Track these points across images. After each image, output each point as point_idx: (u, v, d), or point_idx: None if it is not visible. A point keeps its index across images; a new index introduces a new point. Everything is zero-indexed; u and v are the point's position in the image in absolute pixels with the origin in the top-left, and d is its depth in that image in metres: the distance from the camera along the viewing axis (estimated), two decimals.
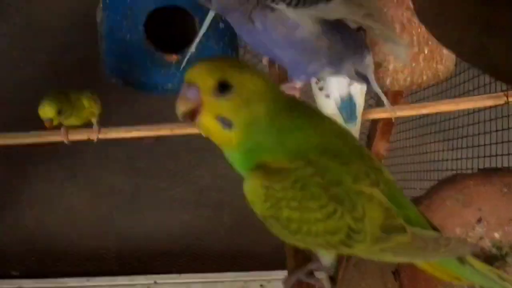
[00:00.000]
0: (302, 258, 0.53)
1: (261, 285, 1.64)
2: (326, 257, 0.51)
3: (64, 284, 1.58)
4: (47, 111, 0.80)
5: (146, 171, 1.73)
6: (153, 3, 0.93)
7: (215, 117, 0.44)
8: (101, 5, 0.98)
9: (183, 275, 1.64)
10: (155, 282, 1.61)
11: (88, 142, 1.56)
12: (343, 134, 0.49)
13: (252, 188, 0.46)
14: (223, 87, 0.43)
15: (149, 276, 1.62)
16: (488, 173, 0.73)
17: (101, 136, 0.92)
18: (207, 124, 0.45)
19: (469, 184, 0.71)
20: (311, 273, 0.53)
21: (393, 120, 1.04)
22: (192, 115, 0.45)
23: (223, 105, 0.44)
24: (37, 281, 1.57)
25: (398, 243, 0.48)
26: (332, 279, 1.04)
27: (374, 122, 1.24)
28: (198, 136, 1.69)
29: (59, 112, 0.81)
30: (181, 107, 0.44)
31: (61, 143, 0.90)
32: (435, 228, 0.51)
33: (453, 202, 0.70)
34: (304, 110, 0.48)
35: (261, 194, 0.46)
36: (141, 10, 0.93)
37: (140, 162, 1.73)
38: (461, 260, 0.51)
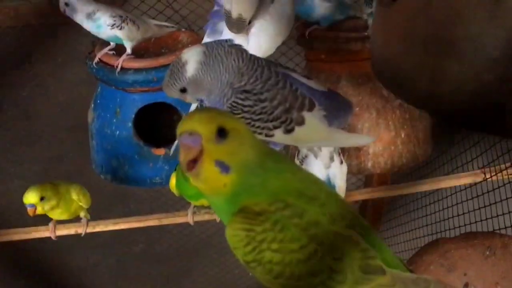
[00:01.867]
0: None
1: None
2: None
3: None
4: (29, 196, 0.82)
5: (136, 277, 1.69)
6: (141, 100, 0.98)
7: (214, 163, 0.46)
8: (92, 106, 1.03)
9: None
10: None
11: (76, 253, 1.55)
12: (319, 181, 0.51)
13: (234, 232, 0.47)
14: (221, 133, 0.46)
15: None
16: (468, 237, 0.73)
17: (89, 229, 0.93)
18: (207, 170, 0.46)
19: (451, 248, 0.71)
20: None
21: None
22: (190, 164, 0.46)
23: (222, 150, 0.46)
24: None
25: (377, 284, 0.47)
26: None
27: (364, 203, 1.26)
28: (188, 234, 1.67)
29: (42, 199, 0.82)
30: (187, 156, 0.46)
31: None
32: (412, 272, 0.51)
33: (437, 266, 0.70)
34: (282, 157, 0.50)
35: (243, 237, 0.47)
36: (130, 107, 0.98)
37: (129, 267, 1.69)
38: None
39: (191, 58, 0.68)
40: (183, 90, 0.69)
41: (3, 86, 1.47)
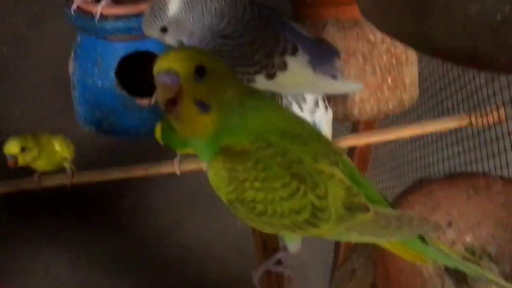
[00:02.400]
0: (271, 250, 0.52)
1: None
2: (293, 243, 0.51)
3: None
4: (10, 146, 0.81)
5: (125, 231, 1.71)
6: (123, 49, 0.95)
7: (194, 102, 0.46)
8: (72, 55, 1.01)
9: None
10: None
11: (66, 205, 1.55)
12: (301, 120, 0.51)
13: (216, 172, 0.47)
14: (200, 72, 0.45)
15: None
16: (452, 177, 0.74)
17: (75, 180, 0.92)
18: (187, 110, 0.46)
19: (435, 188, 0.72)
20: (279, 262, 0.52)
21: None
22: (170, 105, 0.46)
23: (201, 88, 0.46)
24: None
25: (362, 221, 0.48)
26: None
27: (351, 150, 1.26)
28: (178, 185, 1.68)
29: (23, 149, 0.81)
30: (165, 95, 0.45)
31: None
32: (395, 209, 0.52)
33: (422, 207, 0.71)
34: (263, 96, 0.50)
35: (225, 177, 0.47)
36: (112, 56, 0.96)
37: (120, 222, 1.70)
38: (424, 239, 0.52)
39: None
40: (164, 30, 0.67)
41: None
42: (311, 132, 0.50)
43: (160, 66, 0.45)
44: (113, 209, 1.68)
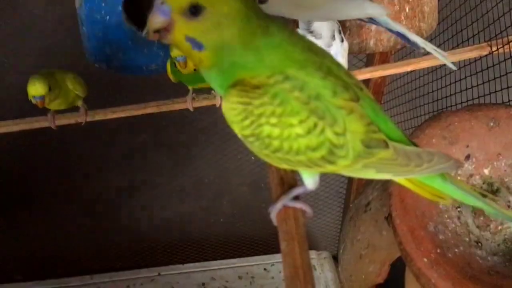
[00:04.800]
0: (287, 186, 0.52)
1: (264, 269, 1.63)
2: (310, 179, 0.51)
3: (68, 284, 1.57)
4: (38, 87, 0.77)
5: (143, 167, 1.73)
6: None
7: (184, 38, 0.44)
8: None
9: (186, 265, 1.63)
10: (159, 274, 1.60)
11: (83, 145, 1.56)
12: (322, 52, 0.49)
13: (231, 106, 0.46)
14: (194, 9, 0.43)
15: (152, 269, 1.62)
16: (473, 109, 0.72)
17: (89, 118, 0.92)
18: (178, 44, 0.45)
19: (454, 120, 0.70)
20: (296, 198, 0.52)
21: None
22: (163, 33, 0.44)
23: (193, 27, 0.44)
24: (40, 283, 1.57)
25: (380, 158, 0.47)
26: None
27: (365, 83, 1.24)
28: (194, 123, 1.68)
29: (50, 89, 0.79)
30: (153, 24, 0.44)
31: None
32: (415, 145, 0.50)
33: (440, 140, 0.69)
34: (281, 27, 0.47)
35: (240, 111, 0.45)
36: None
37: (136, 159, 1.72)
38: (444, 177, 0.51)
39: None
40: None
41: None
42: (331, 65, 0.48)
43: None
44: (128, 144, 1.70)
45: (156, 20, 0.44)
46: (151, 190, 1.72)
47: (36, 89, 0.78)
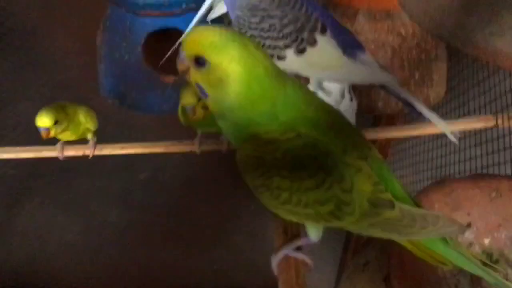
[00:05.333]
0: (291, 236, 0.52)
1: None
2: (315, 231, 0.51)
3: None
4: (44, 119, 0.81)
5: (140, 205, 1.73)
6: (151, 25, 0.96)
7: (195, 83, 0.47)
8: (101, 28, 1.01)
9: None
10: None
11: (82, 173, 1.57)
12: (333, 111, 0.50)
13: (244, 157, 0.47)
14: (199, 60, 0.45)
15: None
16: (476, 178, 0.73)
17: (97, 152, 0.93)
18: (193, 85, 0.48)
19: (457, 188, 0.71)
20: (298, 249, 0.52)
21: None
22: (185, 74, 0.48)
23: (200, 75, 0.46)
24: None
25: (386, 218, 0.48)
26: None
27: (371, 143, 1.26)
28: (195, 166, 1.69)
29: (56, 122, 0.82)
30: (178, 66, 0.48)
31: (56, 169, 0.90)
32: (420, 208, 0.51)
33: (442, 205, 0.70)
34: (297, 87, 0.49)
35: (253, 163, 0.47)
36: (140, 31, 0.96)
37: (134, 196, 1.72)
38: (447, 241, 0.51)
39: None
40: None
41: (12, 5, 1.44)
42: (343, 123, 0.50)
43: (182, 41, 0.47)
44: (129, 181, 1.70)
45: (178, 63, 0.47)
46: (142, 230, 1.71)
47: (42, 120, 0.82)
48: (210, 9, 0.94)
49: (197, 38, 0.45)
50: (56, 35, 1.48)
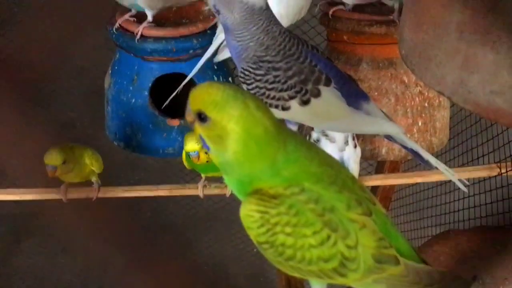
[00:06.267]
0: None
1: None
2: (318, 287, 0.51)
3: None
4: (53, 158, 0.82)
5: (141, 245, 1.71)
6: (159, 69, 0.97)
7: (199, 136, 0.48)
8: (109, 71, 1.03)
9: None
10: None
11: (83, 217, 1.56)
12: (337, 165, 0.51)
13: (248, 213, 0.47)
14: (201, 115, 0.46)
15: None
16: (481, 231, 0.73)
17: (100, 195, 0.93)
18: (196, 137, 0.51)
19: (463, 240, 0.71)
20: None
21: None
22: (191, 123, 0.49)
23: (202, 129, 0.47)
24: None
25: (391, 274, 0.47)
26: None
27: (374, 189, 1.25)
28: (196, 206, 1.68)
29: (64, 162, 0.82)
30: (186, 116, 0.49)
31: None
32: (426, 264, 0.51)
33: (447, 258, 0.69)
34: (299, 143, 0.49)
35: (257, 219, 0.47)
36: (148, 76, 0.97)
37: (135, 235, 1.71)
38: None
39: None
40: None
41: (21, 47, 1.47)
42: (346, 178, 0.50)
43: (190, 94, 0.48)
44: (130, 221, 1.69)
45: (186, 115, 0.48)
46: (142, 270, 1.69)
47: (51, 158, 0.83)
48: (215, 53, 0.96)
49: (201, 94, 0.46)
50: (62, 75, 1.50)
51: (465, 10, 0.40)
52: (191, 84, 1.00)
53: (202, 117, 0.46)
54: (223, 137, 0.45)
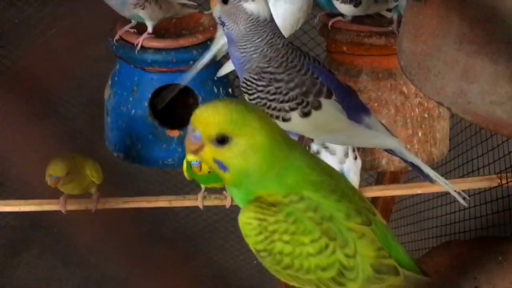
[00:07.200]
0: None
1: None
2: None
3: None
4: (58, 169, 0.81)
5: (141, 257, 1.70)
6: (159, 80, 0.97)
7: (212, 160, 0.47)
8: (109, 83, 1.03)
9: None
10: None
11: (83, 228, 1.56)
12: (338, 175, 0.51)
13: (247, 221, 0.47)
14: (222, 139, 0.45)
15: None
16: (482, 242, 0.72)
17: (99, 206, 0.93)
18: (206, 162, 0.48)
19: (463, 251, 0.71)
20: None
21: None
22: (196, 151, 0.47)
23: (220, 152, 0.46)
24: None
25: (390, 284, 0.47)
26: None
27: (374, 200, 1.25)
28: (196, 217, 1.68)
29: (67, 173, 0.82)
30: (188, 148, 0.47)
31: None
32: (426, 275, 0.50)
33: (448, 269, 0.69)
34: (303, 153, 0.49)
35: (255, 226, 0.47)
36: (148, 87, 0.98)
37: (135, 248, 1.70)
38: None
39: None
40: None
41: (21, 58, 1.48)
42: (346, 188, 0.50)
43: (192, 120, 0.46)
44: (129, 234, 1.68)
45: (189, 144, 0.47)
46: (145, 282, 1.68)
47: (55, 169, 0.82)
48: (215, 63, 0.97)
49: (214, 118, 0.45)
50: (61, 87, 1.50)
51: (464, 21, 0.41)
52: (190, 94, 1.01)
53: (222, 140, 0.45)
54: (247, 152, 0.45)
